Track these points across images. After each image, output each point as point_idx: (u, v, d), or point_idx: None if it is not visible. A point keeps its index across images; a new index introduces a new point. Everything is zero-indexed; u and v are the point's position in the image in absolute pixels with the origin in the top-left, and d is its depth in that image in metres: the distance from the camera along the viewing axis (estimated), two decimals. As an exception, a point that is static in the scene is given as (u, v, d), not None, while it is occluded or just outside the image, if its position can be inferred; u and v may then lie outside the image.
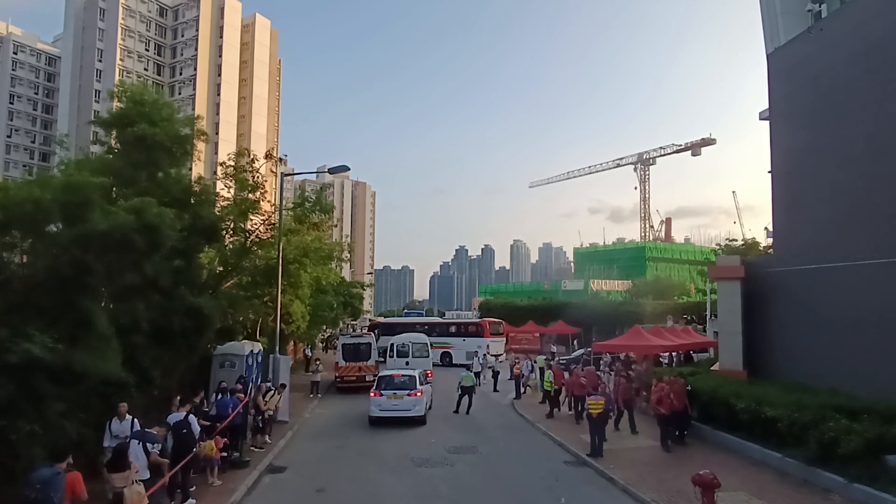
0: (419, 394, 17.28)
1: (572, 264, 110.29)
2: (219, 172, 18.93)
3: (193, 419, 9.78)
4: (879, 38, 13.95)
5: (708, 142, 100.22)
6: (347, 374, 24.70)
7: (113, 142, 14.95)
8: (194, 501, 9.66)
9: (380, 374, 19.09)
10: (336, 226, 56.96)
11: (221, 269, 18.42)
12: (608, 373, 23.63)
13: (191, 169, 25.49)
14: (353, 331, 37.29)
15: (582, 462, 12.91)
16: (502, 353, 35.61)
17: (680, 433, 14.05)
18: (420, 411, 17.20)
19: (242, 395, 13.55)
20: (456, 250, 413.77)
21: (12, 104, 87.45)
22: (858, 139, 14.39)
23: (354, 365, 24.73)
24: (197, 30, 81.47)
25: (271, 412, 14.67)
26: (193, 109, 64.59)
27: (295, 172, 36.53)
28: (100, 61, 77.82)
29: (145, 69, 79.85)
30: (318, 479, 11.63)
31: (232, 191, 18.63)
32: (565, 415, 18.39)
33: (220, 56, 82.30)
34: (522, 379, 23.27)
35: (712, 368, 18.33)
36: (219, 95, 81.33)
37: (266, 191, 19.09)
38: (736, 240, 43.24)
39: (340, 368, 24.96)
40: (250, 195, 18.08)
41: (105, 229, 9.60)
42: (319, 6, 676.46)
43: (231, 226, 17.74)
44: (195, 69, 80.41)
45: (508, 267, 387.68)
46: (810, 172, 16.09)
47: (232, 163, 18.67)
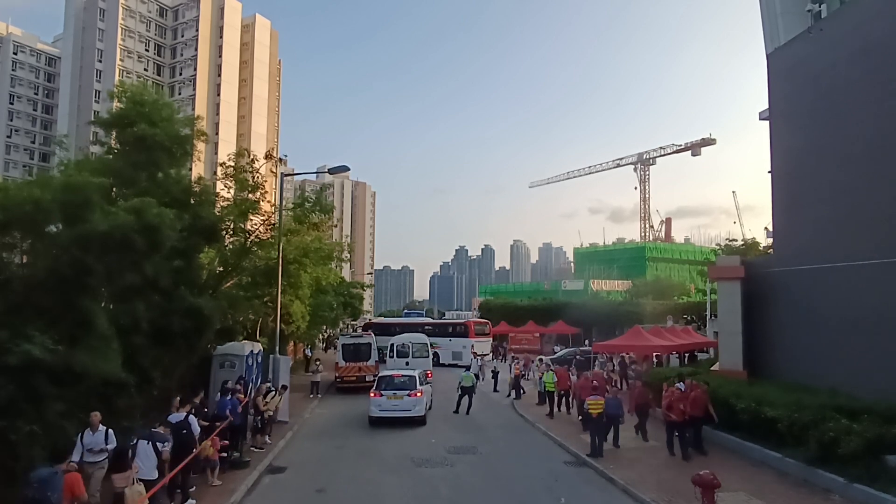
0: (419, 394, 17.28)
1: (572, 264, 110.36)
2: (219, 173, 18.92)
3: (194, 419, 9.79)
4: (879, 38, 13.96)
5: (708, 142, 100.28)
6: (347, 375, 24.70)
7: (113, 142, 14.94)
8: (194, 502, 9.65)
9: (380, 375, 19.10)
10: (336, 226, 57.03)
11: (221, 270, 18.42)
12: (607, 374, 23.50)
13: (191, 169, 25.52)
14: (354, 331, 37.38)
15: (582, 462, 12.91)
16: (488, 354, 36.82)
17: (697, 440, 13.14)
18: (420, 411, 17.21)
19: (242, 396, 13.55)
20: (456, 250, 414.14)
21: (12, 104, 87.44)
22: (858, 139, 14.39)
23: (354, 365, 24.74)
24: (197, 30, 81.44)
25: (271, 413, 14.67)
26: (193, 110, 64.58)
27: (295, 173, 36.56)
28: (100, 62, 77.80)
29: (145, 69, 79.84)
30: (318, 480, 11.63)
31: (232, 191, 18.62)
32: (574, 419, 17.52)
33: (220, 56, 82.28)
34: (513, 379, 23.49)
35: (712, 368, 18.34)
36: (219, 96, 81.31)
37: (266, 191, 19.08)
38: (736, 240, 43.17)
39: (340, 369, 24.96)
40: (250, 195, 18.07)
41: (105, 230, 9.61)
42: (319, 6, 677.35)
43: (231, 226, 17.73)
44: (195, 69, 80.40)
45: (508, 267, 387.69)
46: (810, 172, 16.10)
47: (232, 163, 18.65)
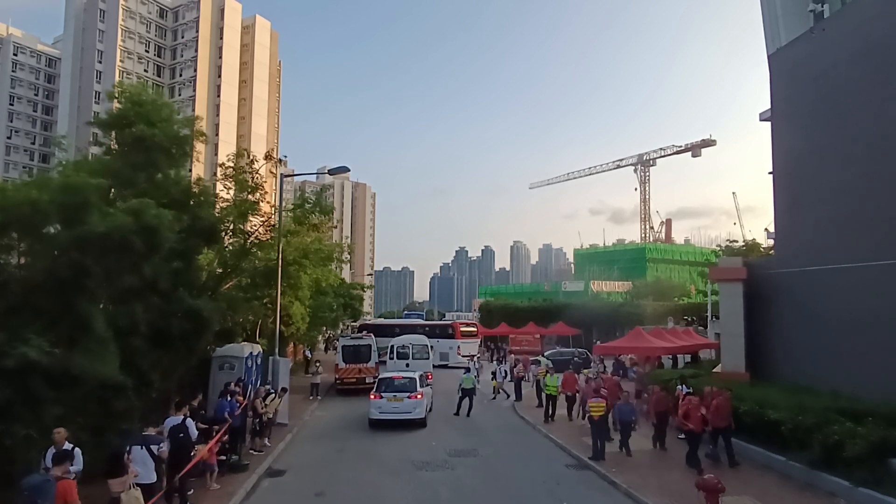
0: (419, 396, 17.18)
1: (572, 265, 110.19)
2: (218, 173, 18.86)
3: (191, 423, 9.67)
4: (881, 38, 13.89)
5: (708, 143, 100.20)
6: (347, 376, 24.57)
7: (112, 143, 14.85)
8: (192, 506, 9.56)
9: (380, 377, 19.00)
10: (336, 227, 56.86)
11: (221, 271, 18.33)
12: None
13: (191, 171, 25.48)
14: (353, 332, 37.38)
15: (584, 465, 12.82)
16: (476, 354, 37.32)
17: (729, 452, 12.24)
18: (420, 414, 17.10)
19: (241, 398, 13.46)
20: (456, 251, 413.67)
21: (12, 106, 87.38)
22: (860, 139, 14.32)
23: (354, 367, 24.60)
24: (197, 31, 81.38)
25: (270, 416, 14.58)
26: (193, 111, 64.40)
27: (295, 173, 36.49)
28: (100, 63, 77.74)
29: (145, 70, 79.81)
30: (318, 483, 11.54)
31: (231, 192, 18.55)
32: (577, 423, 17.14)
33: (220, 57, 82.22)
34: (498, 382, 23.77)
35: (714, 370, 18.26)
36: (219, 97, 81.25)
37: (266, 191, 19.01)
38: (737, 241, 43.12)
39: (340, 370, 24.83)
40: (250, 196, 18.00)
41: (103, 231, 9.53)
42: (319, 6, 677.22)
43: (230, 227, 17.66)
44: (195, 70, 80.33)
45: (508, 268, 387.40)
46: (812, 173, 16.03)
47: (231, 164, 18.58)
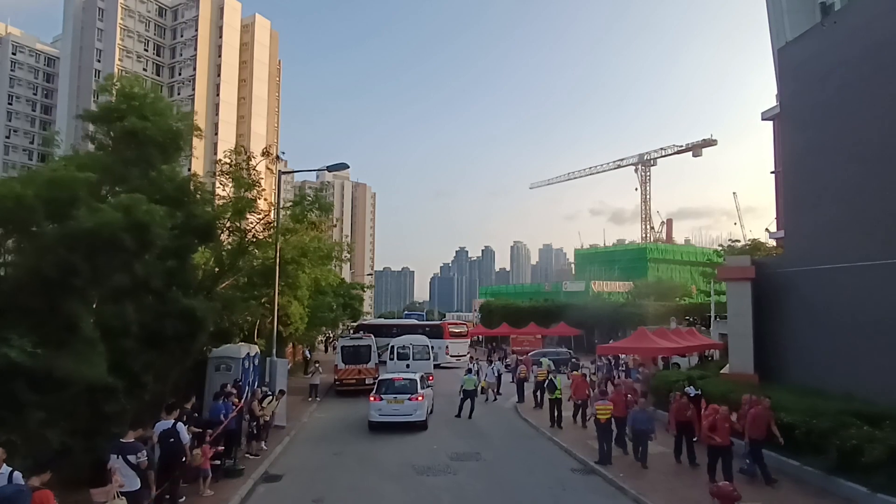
0: (420, 398, 16.80)
1: (573, 266, 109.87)
2: (216, 170, 18.48)
3: (182, 427, 9.27)
4: (894, 33, 13.52)
5: (709, 143, 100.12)
6: (347, 377, 24.19)
7: (104, 137, 14.44)
8: (184, 513, 9.20)
9: (380, 378, 18.63)
10: (335, 225, 56.58)
11: (217, 270, 17.93)
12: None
13: (189, 169, 25.11)
14: (351, 332, 37.18)
15: (590, 470, 12.44)
16: (465, 354, 37.38)
17: (763, 469, 10.94)
18: (421, 416, 16.73)
19: (237, 401, 13.07)
20: (456, 252, 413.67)
21: (11, 105, 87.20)
22: (870, 136, 13.97)
23: (354, 368, 24.23)
24: (196, 30, 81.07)
25: (267, 418, 14.21)
26: (193, 110, 64.14)
27: (293, 170, 36.27)
28: (98, 62, 77.39)
29: (144, 69, 79.38)
30: (316, 489, 11.16)
31: (228, 189, 18.17)
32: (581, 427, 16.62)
33: (220, 56, 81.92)
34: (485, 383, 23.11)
35: (722, 372, 17.89)
36: (218, 96, 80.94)
37: (263, 188, 18.63)
38: (738, 241, 42.85)
39: (339, 371, 24.46)
40: (247, 193, 17.64)
41: (91, 227, 9.12)
42: (320, 7, 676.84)
43: (227, 225, 17.28)
44: (194, 69, 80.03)
45: (509, 268, 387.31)
46: (821, 170, 15.65)
47: (228, 160, 18.21)
